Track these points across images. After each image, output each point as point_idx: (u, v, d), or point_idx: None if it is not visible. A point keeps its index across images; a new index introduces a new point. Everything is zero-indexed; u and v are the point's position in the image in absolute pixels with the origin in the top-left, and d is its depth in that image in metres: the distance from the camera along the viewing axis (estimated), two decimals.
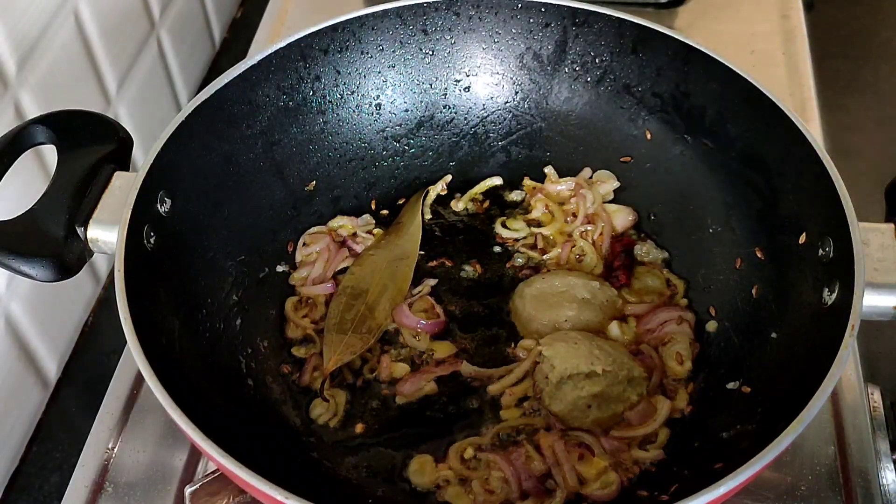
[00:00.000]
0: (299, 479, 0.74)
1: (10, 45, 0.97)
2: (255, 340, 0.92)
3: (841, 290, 0.76)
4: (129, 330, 0.72)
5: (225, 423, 0.77)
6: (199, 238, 0.90)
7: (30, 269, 0.80)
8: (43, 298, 1.07)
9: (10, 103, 0.99)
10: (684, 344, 0.90)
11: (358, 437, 0.86)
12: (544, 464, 0.82)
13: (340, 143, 1.03)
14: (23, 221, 0.82)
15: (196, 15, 1.45)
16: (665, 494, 0.77)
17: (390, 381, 0.90)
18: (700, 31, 1.32)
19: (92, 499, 0.89)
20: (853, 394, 0.94)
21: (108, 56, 1.18)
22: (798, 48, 1.29)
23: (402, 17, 1.00)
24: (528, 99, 1.05)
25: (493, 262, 1.00)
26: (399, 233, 1.01)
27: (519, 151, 1.07)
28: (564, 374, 0.85)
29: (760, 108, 0.88)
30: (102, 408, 0.95)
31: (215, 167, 0.92)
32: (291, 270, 0.99)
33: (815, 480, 0.87)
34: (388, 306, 0.94)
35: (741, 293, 0.91)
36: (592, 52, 1.00)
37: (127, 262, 0.77)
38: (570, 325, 0.91)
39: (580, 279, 0.94)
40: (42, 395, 1.10)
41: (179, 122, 0.86)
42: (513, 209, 1.05)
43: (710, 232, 0.96)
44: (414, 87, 1.05)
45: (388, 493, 0.83)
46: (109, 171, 0.86)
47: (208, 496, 0.82)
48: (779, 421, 0.68)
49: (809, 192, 0.83)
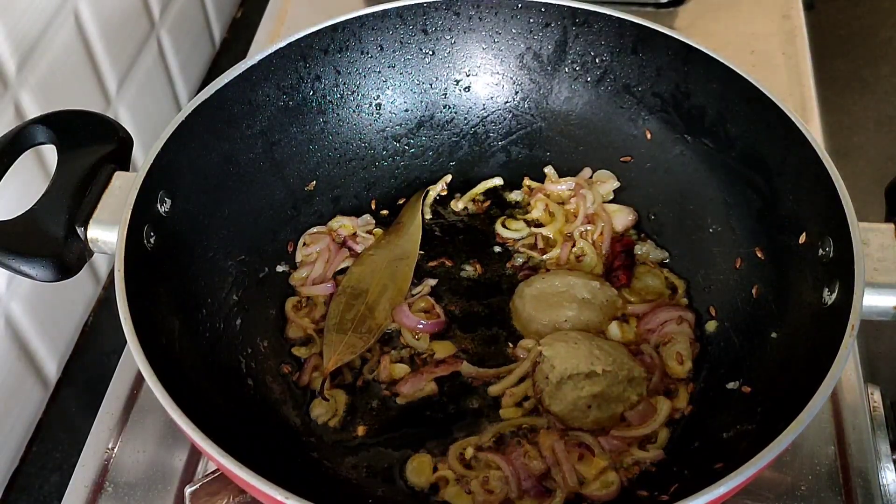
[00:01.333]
0: (299, 479, 0.74)
1: (10, 45, 0.97)
2: (255, 340, 0.92)
3: (841, 290, 0.76)
4: (129, 330, 0.72)
5: (225, 423, 0.77)
6: (199, 238, 0.90)
7: (30, 269, 0.80)
8: (43, 298, 1.07)
9: (10, 103, 0.99)
10: (684, 344, 0.90)
11: (358, 437, 0.87)
12: (544, 463, 0.82)
13: (340, 143, 1.03)
14: (23, 221, 0.82)
15: (196, 15, 1.45)
16: (665, 494, 0.77)
17: (390, 381, 0.90)
18: (700, 31, 1.32)
19: (92, 499, 0.89)
20: (853, 394, 0.94)
21: (108, 56, 1.18)
22: (798, 48, 1.29)
23: (402, 17, 1.00)
24: (528, 99, 1.05)
25: (493, 262, 1.00)
26: (399, 233, 1.01)
27: (519, 151, 1.07)
28: (564, 375, 0.85)
29: (760, 108, 0.88)
30: (102, 408, 0.95)
31: (215, 167, 0.92)
32: (291, 270, 0.99)
33: (815, 480, 0.87)
34: (388, 306, 0.94)
35: (741, 293, 0.91)
36: (592, 52, 1.01)
37: (127, 262, 0.77)
38: (570, 326, 0.91)
39: (580, 279, 0.94)
40: (42, 395, 1.10)
41: (179, 122, 0.86)
42: (513, 209, 1.05)
43: (710, 232, 0.96)
44: (414, 87, 1.05)
45: (387, 493, 0.83)
46: (109, 171, 0.86)
47: (208, 496, 0.82)
48: (779, 421, 0.68)
49: (809, 192, 0.84)
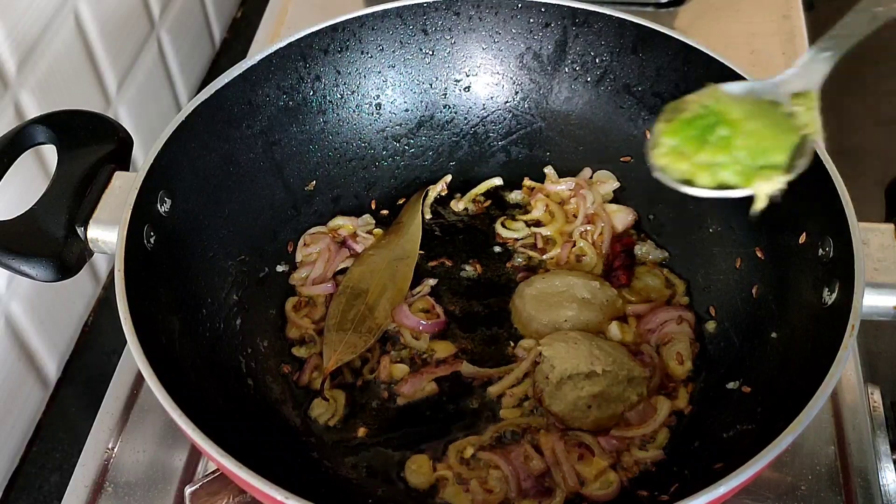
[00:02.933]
0: (299, 479, 0.74)
1: (10, 45, 0.97)
2: (255, 340, 0.92)
3: (841, 290, 0.76)
4: (129, 330, 0.72)
5: (225, 423, 0.77)
6: (199, 238, 0.90)
7: (30, 269, 0.80)
8: (43, 298, 1.07)
9: (10, 103, 0.99)
10: (684, 344, 0.90)
11: (358, 437, 0.87)
12: (543, 463, 0.82)
13: (340, 143, 1.03)
14: (23, 221, 0.82)
15: (196, 15, 1.45)
16: (665, 494, 0.77)
17: (390, 381, 0.90)
18: (700, 31, 1.32)
19: (92, 499, 0.89)
20: (853, 394, 0.94)
21: (108, 56, 1.18)
22: (798, 48, 1.29)
23: (402, 17, 1.00)
24: (528, 99, 1.05)
25: (493, 262, 1.00)
26: (399, 233, 1.01)
27: (519, 151, 1.07)
28: (564, 374, 0.85)
29: None
30: (102, 408, 0.95)
31: (215, 167, 0.92)
32: (291, 270, 0.99)
33: (815, 480, 0.88)
34: (388, 306, 0.94)
35: (741, 293, 0.91)
36: (592, 52, 1.01)
37: (127, 262, 0.77)
38: (570, 325, 0.91)
39: (580, 279, 0.94)
40: (42, 395, 1.10)
41: (179, 122, 0.87)
42: (513, 209, 1.05)
43: (710, 232, 0.96)
44: (414, 87, 1.05)
45: (387, 493, 0.83)
46: (109, 171, 0.86)
47: (208, 496, 0.82)
48: (779, 421, 0.68)
49: (809, 192, 0.83)
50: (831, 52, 0.73)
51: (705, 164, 0.71)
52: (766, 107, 0.73)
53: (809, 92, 0.74)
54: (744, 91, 0.75)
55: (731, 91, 0.75)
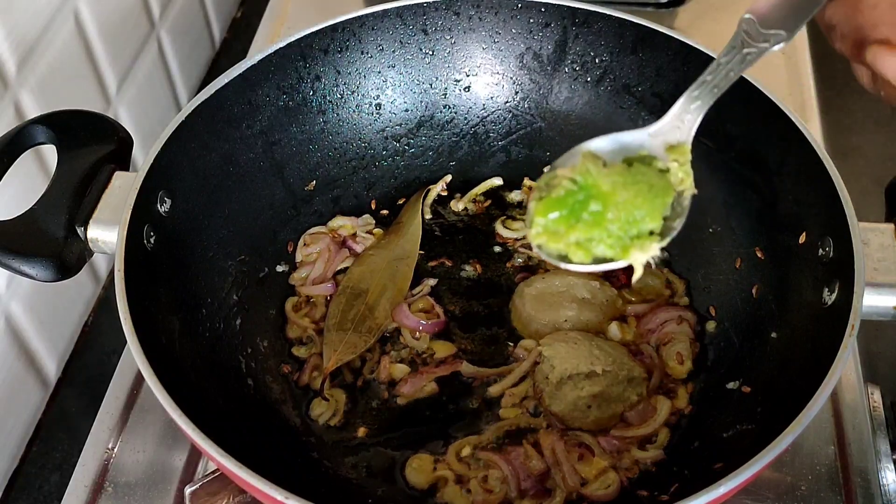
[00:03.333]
0: (299, 479, 0.74)
1: (10, 45, 0.97)
2: (255, 340, 0.92)
3: (841, 290, 0.76)
4: (129, 330, 0.72)
5: (225, 423, 0.77)
6: (199, 238, 0.90)
7: (30, 269, 0.80)
8: (43, 298, 1.07)
9: (10, 103, 0.99)
10: (684, 344, 0.90)
11: (358, 437, 0.86)
12: (543, 463, 0.82)
13: (340, 143, 1.03)
14: (23, 221, 0.82)
15: (196, 15, 1.45)
16: (665, 494, 0.77)
17: (390, 381, 0.90)
18: (700, 31, 1.31)
19: (92, 499, 0.89)
20: (853, 394, 0.94)
21: (108, 56, 1.18)
22: (798, 48, 1.29)
23: (402, 17, 1.00)
24: (528, 99, 1.05)
25: (493, 262, 1.00)
26: (399, 233, 1.01)
27: (519, 151, 1.07)
28: (564, 375, 0.85)
29: (760, 108, 0.88)
30: (102, 408, 0.95)
31: (215, 167, 0.92)
32: (291, 270, 0.99)
33: (815, 480, 0.88)
34: (388, 306, 0.94)
35: (741, 293, 0.91)
36: (592, 52, 1.00)
37: (127, 262, 0.77)
38: (570, 325, 0.91)
39: (580, 279, 0.94)
40: (42, 395, 1.10)
41: (179, 122, 0.86)
42: (513, 209, 1.05)
43: (710, 232, 0.96)
44: (414, 86, 1.05)
45: (387, 492, 0.83)
46: (109, 171, 0.86)
47: (208, 496, 0.82)
48: (779, 421, 0.68)
49: (809, 192, 0.83)
50: (701, 102, 0.71)
51: (580, 242, 0.69)
52: (639, 168, 0.71)
53: (683, 145, 0.71)
54: (616, 146, 0.72)
55: (602, 148, 0.72)
